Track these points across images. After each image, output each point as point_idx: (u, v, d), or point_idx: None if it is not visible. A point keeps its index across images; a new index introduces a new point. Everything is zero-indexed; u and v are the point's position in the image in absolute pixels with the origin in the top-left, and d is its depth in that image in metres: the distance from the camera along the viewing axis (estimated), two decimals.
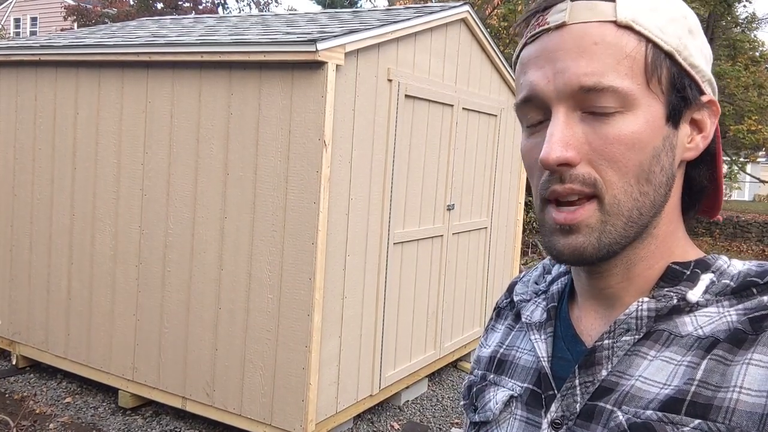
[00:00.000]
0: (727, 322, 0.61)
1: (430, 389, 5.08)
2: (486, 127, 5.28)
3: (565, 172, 0.63)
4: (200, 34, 4.17)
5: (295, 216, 3.55)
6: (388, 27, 3.86)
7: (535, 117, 0.67)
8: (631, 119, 0.63)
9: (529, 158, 0.68)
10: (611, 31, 0.63)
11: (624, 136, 0.62)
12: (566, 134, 0.62)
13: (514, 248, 6.13)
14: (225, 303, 3.81)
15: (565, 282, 0.79)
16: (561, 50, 0.63)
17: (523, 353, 0.77)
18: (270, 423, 3.67)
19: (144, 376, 4.14)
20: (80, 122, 4.37)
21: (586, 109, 0.63)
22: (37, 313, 4.65)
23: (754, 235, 15.18)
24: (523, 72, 0.67)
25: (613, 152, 0.62)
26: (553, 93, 0.63)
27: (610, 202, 0.63)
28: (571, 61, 0.62)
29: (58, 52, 4.39)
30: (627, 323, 0.65)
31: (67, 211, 4.46)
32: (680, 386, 0.59)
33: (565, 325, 0.73)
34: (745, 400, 0.56)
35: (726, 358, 0.59)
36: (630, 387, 0.62)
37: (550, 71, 0.63)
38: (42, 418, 4.11)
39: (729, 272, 0.66)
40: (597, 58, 0.62)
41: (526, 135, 0.69)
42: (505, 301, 0.88)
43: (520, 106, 0.68)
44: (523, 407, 0.72)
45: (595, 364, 0.66)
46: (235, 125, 3.73)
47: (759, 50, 14.63)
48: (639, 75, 0.63)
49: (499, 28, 12.47)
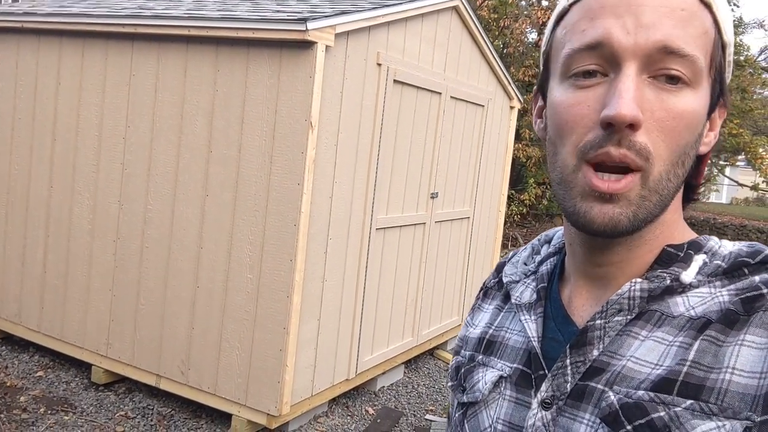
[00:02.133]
0: (719, 302, 0.61)
1: (406, 376, 5.10)
2: (473, 117, 5.27)
3: (626, 136, 0.59)
4: (188, 8, 4.10)
5: (278, 197, 3.53)
6: (379, 10, 3.83)
7: (587, 66, 0.62)
8: (695, 97, 0.61)
9: (575, 112, 0.62)
10: (696, 2, 0.61)
11: (687, 112, 0.60)
12: (637, 95, 0.59)
13: (495, 239, 6.16)
14: (203, 282, 3.78)
15: (555, 262, 0.78)
16: (647, 5, 0.60)
17: (512, 334, 0.76)
18: (244, 403, 3.66)
19: (118, 352, 4.10)
20: (62, 92, 4.28)
21: (655, 73, 0.60)
22: (11, 286, 4.57)
23: (729, 237, 15.42)
24: (590, 17, 0.62)
25: (673, 126, 0.60)
26: (631, 47, 0.59)
27: (655, 178, 0.61)
28: (657, 18, 0.59)
29: (41, 20, 4.28)
30: (619, 303, 0.64)
31: (46, 182, 4.38)
32: (672, 366, 0.59)
33: (556, 305, 0.73)
34: (737, 381, 0.56)
35: (718, 338, 0.59)
36: (621, 367, 0.62)
37: (631, 23, 0.60)
38: (13, 391, 4.06)
39: (720, 253, 0.65)
40: (684, 24, 0.60)
41: (569, 87, 0.64)
42: (493, 281, 0.87)
43: (579, 52, 0.62)
44: (513, 387, 0.71)
45: (586, 344, 0.65)
46: (220, 102, 3.68)
47: (744, 54, 14.79)
48: (708, 55, 0.62)
49: (489, 19, 12.44)
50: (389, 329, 4.66)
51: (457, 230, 5.37)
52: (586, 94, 0.62)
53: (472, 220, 5.57)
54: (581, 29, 0.63)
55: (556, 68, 0.67)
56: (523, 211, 12.25)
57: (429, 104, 4.60)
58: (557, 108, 0.65)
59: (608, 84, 0.61)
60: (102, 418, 3.88)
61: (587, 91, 0.62)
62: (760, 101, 16.59)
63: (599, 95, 0.61)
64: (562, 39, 0.66)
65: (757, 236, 15.16)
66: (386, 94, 4.04)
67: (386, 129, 4.12)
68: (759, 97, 17.10)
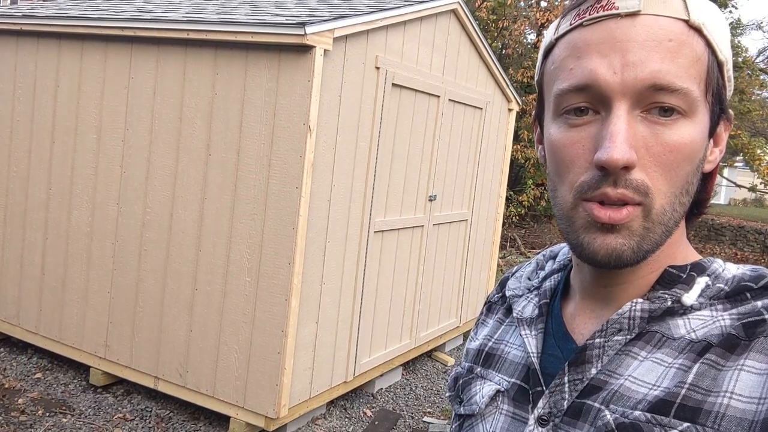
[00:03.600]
0: (720, 326, 0.61)
1: (404, 378, 5.11)
2: (471, 120, 5.28)
3: (621, 175, 0.58)
4: (187, 11, 4.11)
5: (277, 200, 3.53)
6: (378, 14, 3.84)
7: (578, 105, 0.62)
8: (691, 127, 0.60)
9: (570, 152, 0.62)
10: (684, 30, 0.60)
11: (684, 144, 0.59)
12: (629, 134, 0.58)
13: (494, 242, 6.17)
14: (202, 284, 3.79)
15: (559, 279, 0.77)
16: (632, 41, 0.59)
17: (512, 348, 0.76)
18: (242, 406, 3.67)
19: (117, 354, 4.11)
20: (61, 95, 4.29)
21: (647, 108, 0.59)
22: (9, 288, 4.58)
23: (727, 238, 15.44)
24: (576, 56, 0.62)
25: (671, 160, 0.59)
26: (619, 86, 0.59)
27: (658, 212, 0.60)
28: (644, 54, 0.58)
29: (40, 23, 4.29)
30: (619, 323, 0.64)
31: (44, 185, 4.39)
32: (670, 388, 0.58)
33: (557, 322, 0.73)
34: (735, 405, 0.55)
35: (718, 362, 0.58)
36: (619, 386, 0.61)
37: (618, 62, 0.59)
38: (11, 393, 4.07)
39: (724, 276, 0.65)
40: (672, 57, 0.58)
41: (561, 125, 0.63)
42: (496, 295, 0.87)
43: (568, 92, 0.62)
44: (510, 402, 0.71)
45: (585, 362, 0.65)
46: (219, 106, 3.69)
47: (742, 56, 14.81)
48: (702, 81, 0.60)
49: (488, 20, 12.46)
50: (387, 331, 4.67)
51: (455, 233, 5.38)
52: (579, 134, 0.62)
53: (470, 222, 5.58)
54: (569, 67, 0.62)
55: (549, 103, 0.66)
56: (521, 212, 12.26)
57: (427, 107, 4.61)
58: (552, 147, 0.65)
59: (600, 122, 0.60)
60: (100, 420, 3.89)
61: (580, 130, 0.62)
62: (758, 102, 16.62)
63: (592, 135, 0.61)
64: (551, 74, 0.66)
65: (755, 237, 15.17)
66: (384, 97, 4.05)
67: (384, 132, 4.13)
68: (757, 98, 17.13)
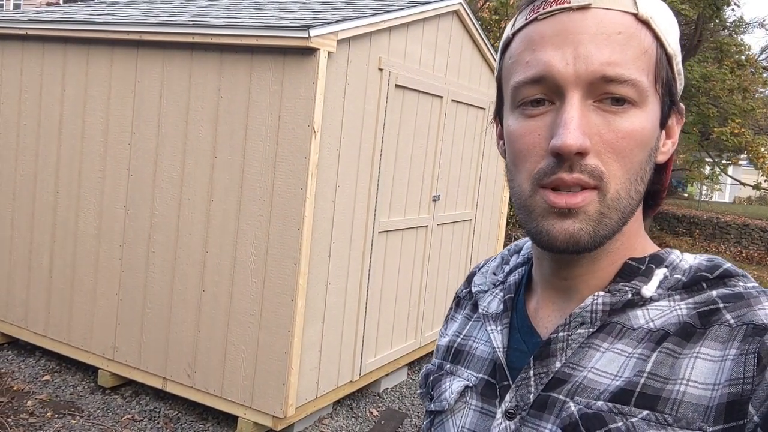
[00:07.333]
0: (677, 315, 0.63)
1: (409, 377, 5.13)
2: (474, 120, 5.31)
3: (576, 161, 0.60)
4: (192, 15, 4.14)
5: (282, 201, 3.56)
6: (381, 16, 3.87)
7: (534, 96, 0.64)
8: (642, 116, 0.62)
9: (526, 142, 0.64)
10: (632, 23, 0.62)
11: (635, 132, 0.62)
12: (582, 122, 0.61)
13: (498, 241, 6.19)
14: (209, 286, 3.82)
15: (523, 273, 0.79)
16: (584, 33, 0.61)
17: (479, 344, 0.77)
18: (250, 406, 3.70)
19: (125, 355, 4.14)
20: (67, 99, 4.33)
21: (599, 98, 0.62)
22: (18, 290, 4.62)
23: (732, 236, 15.43)
24: (531, 49, 0.64)
25: (623, 146, 0.62)
26: (572, 77, 0.61)
27: (612, 197, 0.62)
28: (594, 47, 0.61)
29: (46, 27, 4.33)
30: (582, 316, 0.66)
31: (51, 188, 4.42)
32: (630, 378, 0.60)
33: (521, 316, 0.74)
34: (691, 392, 0.57)
35: (675, 351, 0.60)
36: (582, 378, 0.63)
37: (570, 54, 0.61)
38: (20, 396, 4.10)
39: (681, 267, 0.67)
40: (621, 49, 0.61)
41: (519, 116, 0.66)
42: (464, 291, 0.88)
43: (524, 84, 0.64)
44: (478, 397, 0.73)
45: (549, 356, 0.66)
46: (224, 108, 3.72)
47: (745, 54, 14.79)
48: (651, 73, 0.63)
49: (490, 21, 12.47)
50: (392, 331, 4.69)
51: (459, 233, 5.40)
52: (535, 123, 0.64)
53: (474, 222, 5.60)
54: (525, 60, 0.65)
55: (507, 96, 0.69)
56: None
57: (430, 108, 4.64)
58: (510, 137, 0.67)
59: (555, 112, 0.63)
60: (109, 421, 3.92)
61: (536, 120, 0.64)
62: (761, 101, 16.59)
63: (548, 124, 0.63)
64: (509, 68, 0.68)
65: (759, 235, 15.16)
66: (388, 98, 4.08)
67: (388, 133, 4.16)
68: (760, 96, 17.10)
